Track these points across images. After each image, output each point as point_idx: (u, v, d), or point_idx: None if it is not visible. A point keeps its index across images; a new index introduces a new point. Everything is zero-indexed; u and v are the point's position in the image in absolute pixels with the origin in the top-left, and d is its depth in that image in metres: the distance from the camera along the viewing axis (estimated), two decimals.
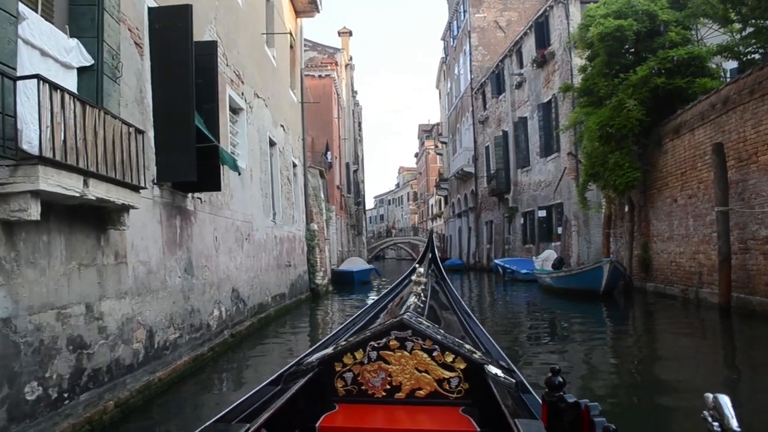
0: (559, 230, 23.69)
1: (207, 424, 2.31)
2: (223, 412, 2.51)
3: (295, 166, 16.87)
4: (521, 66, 27.98)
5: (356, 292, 21.02)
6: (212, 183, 7.20)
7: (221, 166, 8.14)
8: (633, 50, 14.99)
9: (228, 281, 8.92)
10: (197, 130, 6.25)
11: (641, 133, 14.11)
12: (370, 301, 5.94)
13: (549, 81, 24.48)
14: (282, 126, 14.74)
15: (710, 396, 1.29)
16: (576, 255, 21.85)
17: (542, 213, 25.36)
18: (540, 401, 2.22)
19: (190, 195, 7.20)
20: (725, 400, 1.26)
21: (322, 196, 21.39)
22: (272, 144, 13.66)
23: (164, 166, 6.14)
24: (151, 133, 6.14)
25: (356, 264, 26.25)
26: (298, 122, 17.77)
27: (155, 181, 6.19)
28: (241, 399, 2.70)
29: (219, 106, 8.29)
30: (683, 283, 12.86)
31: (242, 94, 10.60)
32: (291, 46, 17.01)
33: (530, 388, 2.88)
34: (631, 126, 13.69)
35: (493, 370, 2.85)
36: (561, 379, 1.78)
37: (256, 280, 10.84)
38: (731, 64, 14.84)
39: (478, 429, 2.58)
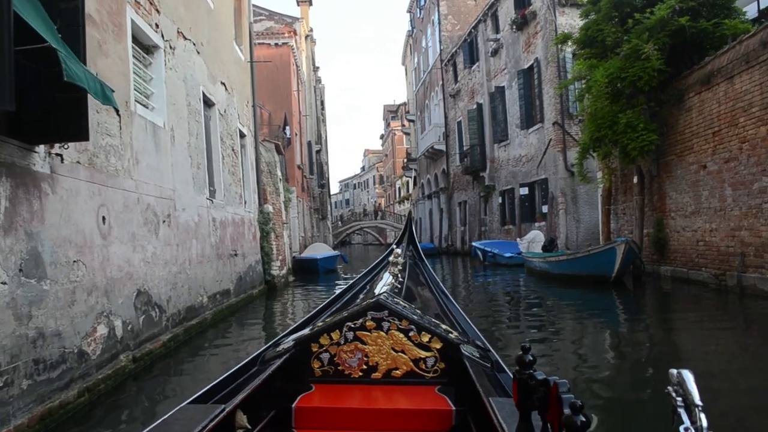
0: (544, 209, 21.41)
1: (182, 405, 2.20)
2: (198, 393, 2.40)
3: (243, 136, 14.11)
4: (497, 31, 25.53)
5: (321, 282, 18.45)
6: (72, 127, 4.49)
7: (110, 109, 5.45)
8: None
9: (129, 281, 6.22)
10: (23, 27, 3.54)
11: (658, 87, 11.74)
12: (338, 291, 5.32)
13: (530, 44, 22.09)
14: (223, 84, 11.95)
15: (674, 372, 1.28)
16: (564, 235, 19.60)
17: (524, 191, 23.04)
18: None
19: (40, 148, 4.49)
20: (689, 376, 1.25)
21: (279, 174, 18.63)
22: (209, 104, 10.89)
23: None
24: None
25: (320, 250, 23.60)
26: (246, 84, 14.96)
27: None
28: (217, 380, 2.60)
29: (101, 23, 5.58)
30: (717, 267, 10.58)
31: (157, 26, 7.84)
32: None
33: (505, 368, 2.80)
34: (648, 78, 11.30)
35: (468, 349, 2.85)
36: (531, 357, 1.69)
37: (182, 277, 8.15)
38: (751, 7, 12.61)
39: (454, 408, 2.57)
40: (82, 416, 4.73)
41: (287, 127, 25.05)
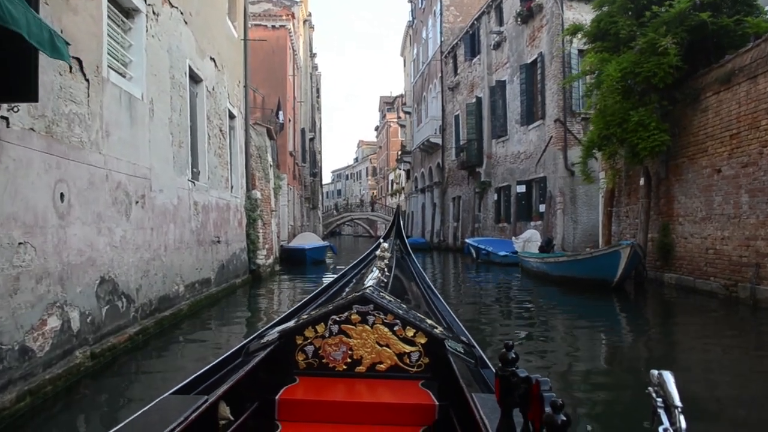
0: (541, 208, 20.81)
1: (164, 395, 2.18)
2: (182, 384, 2.37)
3: (232, 117, 13.39)
4: (501, 23, 24.85)
5: (309, 273, 17.78)
6: (19, 86, 3.80)
7: (76, 72, 4.77)
8: None
9: (91, 267, 5.54)
10: None
11: (673, 85, 11.11)
12: (325, 284, 5.09)
13: (534, 38, 21.43)
14: (213, 60, 11.22)
15: (655, 372, 1.26)
16: (561, 236, 19.02)
17: (521, 188, 22.42)
18: None
19: None
20: (669, 377, 1.24)
21: (270, 159, 17.91)
22: (196, 79, 10.18)
23: None
24: None
25: (309, 240, 22.91)
26: (238, 63, 14.21)
27: None
28: (201, 371, 2.56)
29: None
30: (727, 277, 9.99)
31: None
32: None
33: (489, 364, 2.80)
34: (663, 74, 10.66)
35: (453, 345, 2.83)
36: (514, 355, 1.65)
37: (156, 264, 7.46)
38: None
39: (437, 402, 2.56)
40: (20, 425, 4.05)
41: (280, 112, 24.30)
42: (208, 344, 7.35)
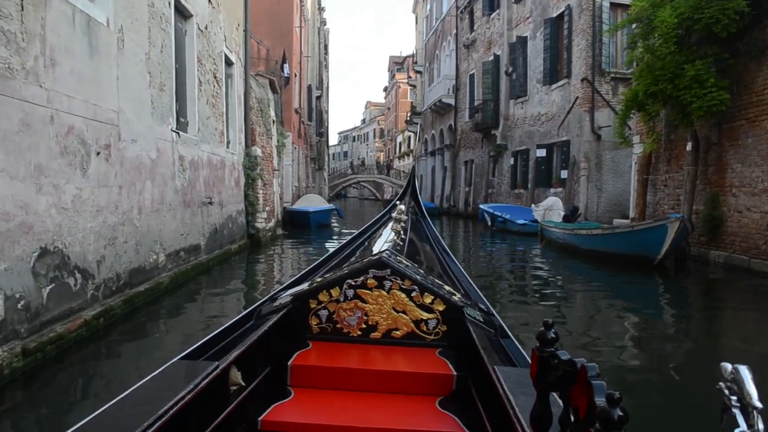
0: (563, 174, 19.39)
1: (173, 360, 2.11)
2: (191, 348, 2.30)
3: (230, 64, 11.94)
4: None
5: (313, 238, 16.54)
6: None
7: None
8: None
9: (25, 236, 4.23)
10: None
11: (736, 35, 9.60)
12: (337, 246, 4.67)
13: None
14: None
15: (728, 366, 1.08)
16: (584, 205, 17.64)
17: (541, 153, 20.95)
18: (519, 347, 2.49)
19: None
20: (746, 373, 1.06)
21: (273, 114, 16.47)
22: (184, 14, 8.73)
23: None
24: None
25: (314, 203, 21.62)
26: (238, 4, 12.68)
27: None
28: (211, 335, 2.49)
29: None
30: None
31: None
32: None
33: (510, 334, 2.75)
34: (727, 21, 9.16)
35: (472, 313, 2.80)
36: (554, 334, 1.45)
37: (126, 229, 6.15)
38: None
39: (454, 372, 2.48)
40: None
41: (286, 65, 22.70)
42: (190, 324, 6.10)
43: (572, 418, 1.30)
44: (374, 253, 3.06)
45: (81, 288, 5.06)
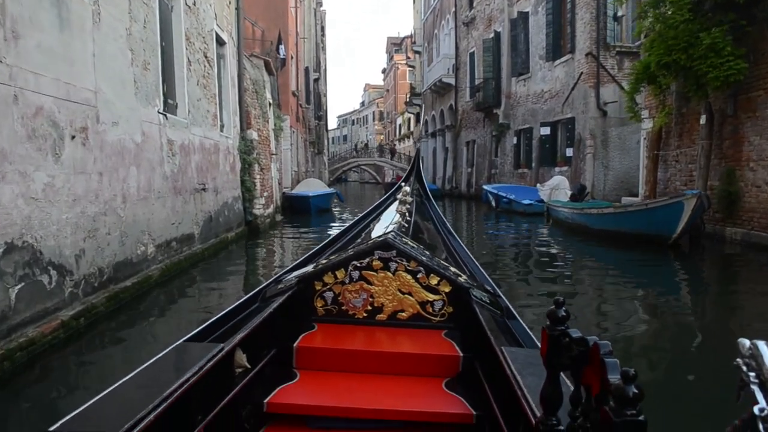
0: (568, 152, 18.90)
1: (178, 342, 2.08)
2: (196, 330, 2.29)
3: (222, 43, 11.43)
4: None
5: (313, 224, 16.11)
6: None
7: None
8: None
9: None
10: None
11: (751, 1, 9.07)
12: (342, 228, 4.67)
13: None
14: None
15: (746, 342, 0.98)
16: (590, 183, 17.17)
17: (545, 131, 20.43)
18: (526, 328, 2.47)
19: None
20: (765, 348, 0.96)
21: (269, 96, 15.95)
22: None
23: None
24: None
25: (314, 186, 21.20)
26: None
27: None
28: (216, 316, 2.48)
29: None
30: None
31: None
32: None
33: (516, 315, 2.74)
34: None
35: (478, 294, 2.77)
36: (564, 312, 1.37)
37: (109, 220, 5.70)
38: None
39: (461, 353, 2.47)
40: None
41: (281, 46, 22.12)
42: (182, 319, 5.70)
43: (584, 397, 1.25)
44: (379, 234, 3.03)
45: (57, 286, 4.63)
